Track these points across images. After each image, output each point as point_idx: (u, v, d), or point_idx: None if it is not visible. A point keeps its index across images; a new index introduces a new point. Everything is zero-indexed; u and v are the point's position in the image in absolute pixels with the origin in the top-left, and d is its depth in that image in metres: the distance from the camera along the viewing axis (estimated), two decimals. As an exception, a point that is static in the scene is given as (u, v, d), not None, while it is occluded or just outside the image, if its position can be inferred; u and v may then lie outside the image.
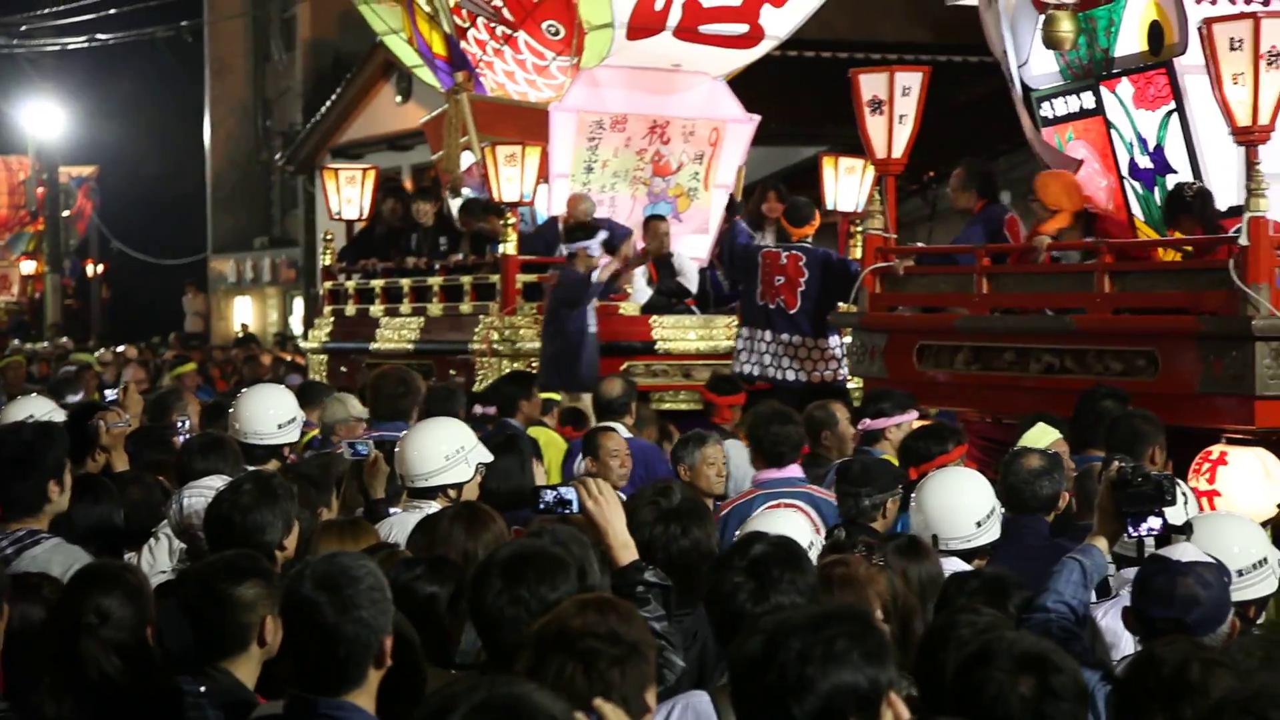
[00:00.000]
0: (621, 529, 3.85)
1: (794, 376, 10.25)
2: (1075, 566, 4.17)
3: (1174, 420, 6.94)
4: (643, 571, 3.77)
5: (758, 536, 3.67)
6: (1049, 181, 8.81)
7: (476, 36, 12.63)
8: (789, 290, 10.25)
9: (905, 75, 9.19)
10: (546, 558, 3.50)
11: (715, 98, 13.03)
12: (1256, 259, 7.40)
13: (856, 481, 5.75)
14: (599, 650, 2.90)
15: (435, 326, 12.55)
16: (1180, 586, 3.77)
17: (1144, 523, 4.13)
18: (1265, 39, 7.22)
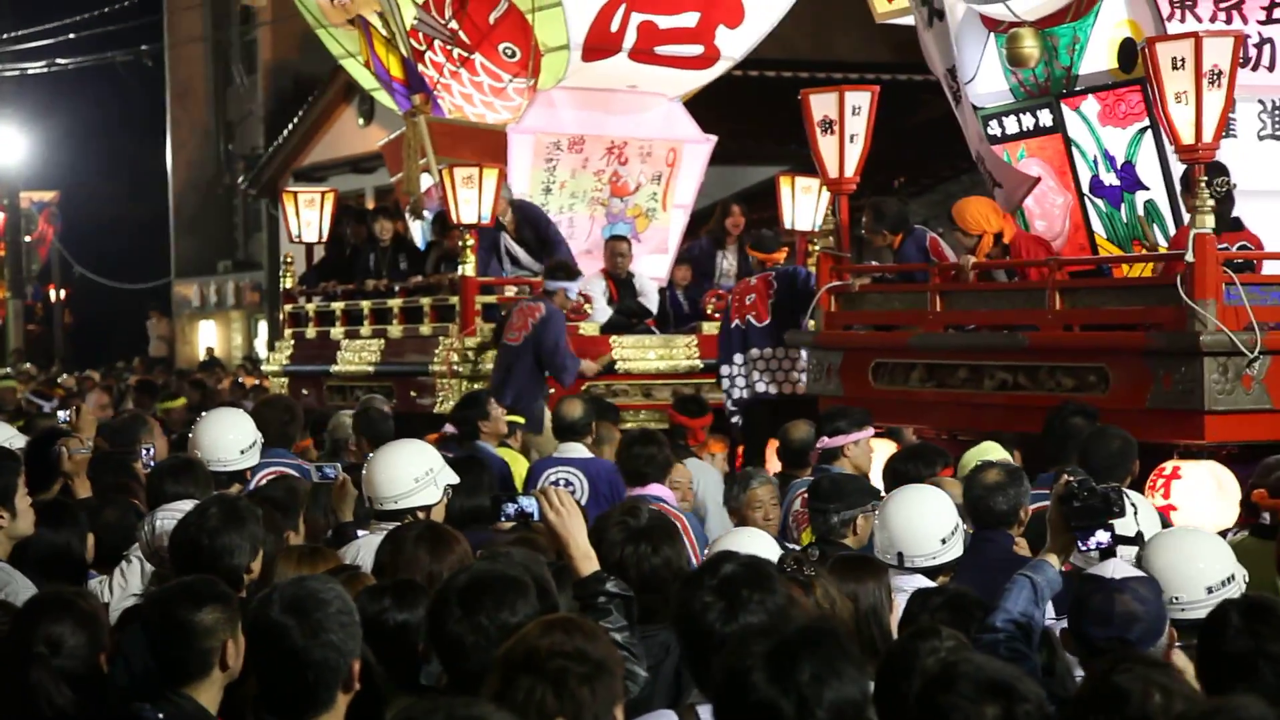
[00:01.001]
0: (583, 540, 3.84)
1: (763, 388, 10.31)
2: (1026, 583, 4.15)
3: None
4: (604, 582, 3.77)
5: (728, 556, 3.66)
6: (966, 207, 8.84)
7: (433, 59, 12.66)
8: (760, 304, 10.32)
9: (855, 95, 9.24)
10: (504, 582, 3.49)
11: (672, 118, 13.10)
12: (1203, 275, 7.47)
13: (826, 498, 5.74)
14: (568, 669, 2.90)
15: (396, 348, 12.55)
16: (1119, 604, 3.76)
17: (1093, 536, 4.11)
18: (1207, 58, 7.30)
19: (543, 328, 10.79)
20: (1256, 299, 7.53)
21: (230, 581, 4.20)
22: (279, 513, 5.53)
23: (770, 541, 4.81)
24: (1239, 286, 7.47)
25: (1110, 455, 6.21)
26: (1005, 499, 5.44)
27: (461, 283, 11.80)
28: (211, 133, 32.64)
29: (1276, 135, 8.58)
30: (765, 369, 10.35)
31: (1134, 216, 8.71)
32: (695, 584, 3.59)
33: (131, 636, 4.03)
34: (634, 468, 6.95)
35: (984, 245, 8.72)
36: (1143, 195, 8.61)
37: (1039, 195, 9.14)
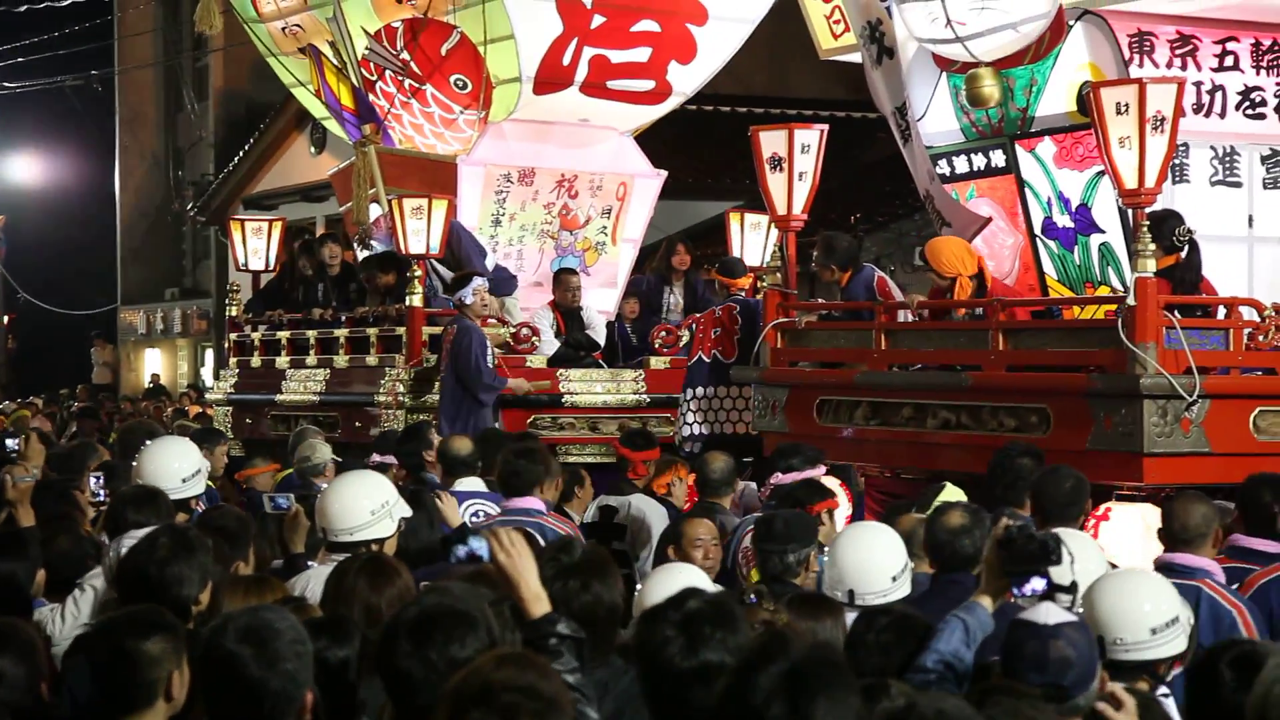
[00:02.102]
0: (534, 581, 3.80)
1: (731, 429, 10.30)
2: (958, 624, 4.14)
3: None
4: (556, 624, 3.72)
5: (693, 593, 3.65)
6: (941, 250, 8.85)
7: (384, 89, 12.65)
8: (726, 340, 10.32)
9: (804, 133, 9.29)
10: (454, 616, 3.46)
11: (623, 152, 13.14)
12: (1144, 318, 7.52)
13: (780, 539, 5.71)
14: (519, 705, 2.87)
15: (341, 378, 12.50)
16: (1053, 650, 3.73)
17: (1028, 583, 4.08)
18: (1151, 104, 7.38)
19: (455, 348, 10.80)
20: (1196, 343, 7.59)
21: (178, 612, 4.16)
22: (228, 543, 5.50)
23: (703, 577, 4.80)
24: (1179, 330, 7.54)
25: (1063, 495, 6.22)
26: (971, 541, 5.45)
27: (408, 313, 11.78)
28: (161, 159, 32.49)
29: (1227, 181, 8.68)
30: (717, 409, 10.34)
31: (1088, 259, 8.78)
32: (658, 618, 3.57)
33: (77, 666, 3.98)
34: (504, 477, 7.00)
35: (962, 286, 8.70)
36: (1098, 238, 8.69)
37: (989, 235, 9.20)
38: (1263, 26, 8.63)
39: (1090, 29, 8.51)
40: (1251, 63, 8.65)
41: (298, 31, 13.66)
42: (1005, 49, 8.52)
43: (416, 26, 12.51)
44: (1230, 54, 8.57)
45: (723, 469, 7.63)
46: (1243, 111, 8.65)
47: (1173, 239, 8.02)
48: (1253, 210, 8.73)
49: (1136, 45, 8.40)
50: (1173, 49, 8.47)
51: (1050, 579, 4.07)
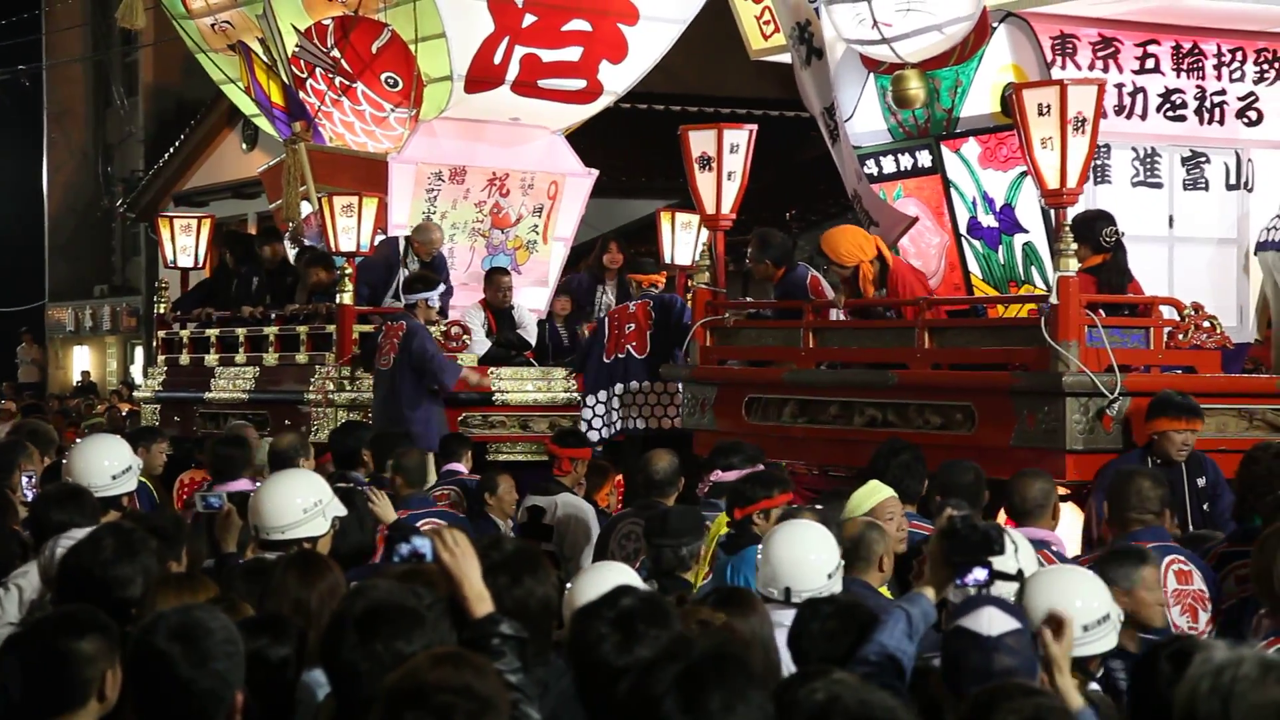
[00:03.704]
0: (477, 581, 3.78)
1: (643, 425, 10.33)
2: (901, 616, 4.13)
3: (990, 473, 7.07)
4: (498, 624, 3.71)
5: (626, 590, 3.66)
6: (838, 240, 8.90)
7: (314, 86, 12.61)
8: (638, 337, 10.35)
9: (733, 132, 9.33)
10: (401, 611, 3.45)
11: (554, 151, 13.16)
12: (1066, 317, 7.62)
13: (674, 533, 5.83)
14: (453, 705, 2.87)
15: (271, 376, 12.45)
16: (995, 662, 3.72)
17: (971, 573, 4.07)
18: (1072, 105, 7.47)
19: (407, 342, 10.78)
20: (1117, 341, 7.69)
21: (118, 613, 4.14)
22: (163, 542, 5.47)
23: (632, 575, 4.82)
24: (1101, 329, 7.63)
25: (965, 487, 6.32)
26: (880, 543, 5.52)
27: (339, 311, 11.75)
28: (90, 155, 32.19)
29: (1148, 182, 8.80)
30: (645, 403, 10.38)
31: (1012, 258, 8.87)
32: (592, 616, 3.58)
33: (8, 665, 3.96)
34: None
35: (864, 274, 8.78)
36: (1021, 238, 8.78)
37: (915, 235, 9.28)
38: (1183, 30, 8.74)
39: (1013, 31, 8.60)
40: (1172, 65, 8.77)
41: (227, 28, 13.59)
42: (930, 50, 8.60)
43: (347, 24, 12.48)
44: (1151, 57, 8.68)
45: (666, 469, 7.63)
46: (1163, 113, 8.77)
47: (1101, 239, 8.12)
48: (1173, 211, 8.85)
49: (1059, 47, 8.50)
50: (1094, 51, 8.58)
51: (993, 569, 4.06)
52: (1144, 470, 6.28)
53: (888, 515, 6.05)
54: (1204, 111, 8.83)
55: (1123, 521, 5.75)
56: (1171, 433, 7.18)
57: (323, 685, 3.81)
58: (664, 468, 7.61)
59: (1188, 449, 7.20)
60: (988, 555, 4.07)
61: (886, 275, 8.75)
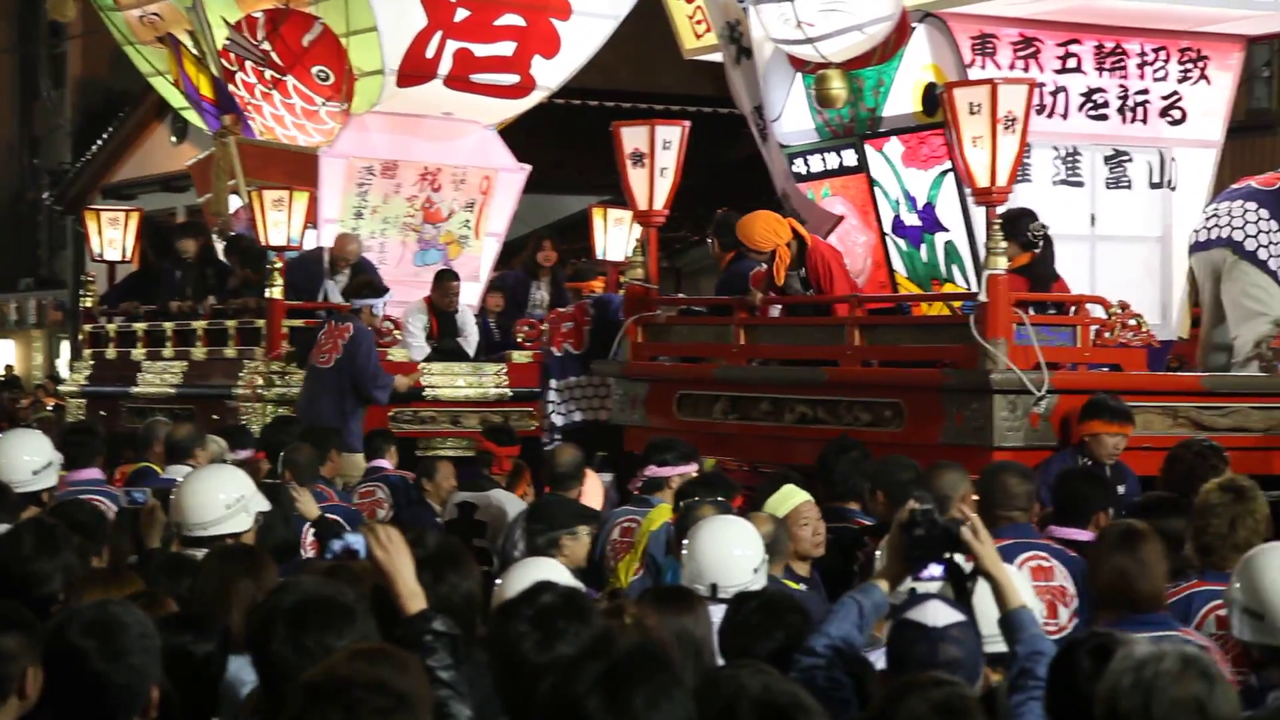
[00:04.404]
0: (410, 577, 3.75)
1: (581, 417, 10.33)
2: (853, 606, 4.10)
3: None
4: (431, 620, 3.68)
5: (545, 586, 3.65)
6: (753, 226, 8.90)
7: (244, 80, 12.52)
8: (576, 334, 10.37)
9: (666, 129, 9.35)
10: (332, 605, 3.44)
11: (486, 146, 13.13)
12: (995, 315, 7.66)
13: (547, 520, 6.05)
14: (364, 700, 2.85)
15: (199, 370, 12.38)
16: (942, 653, 3.71)
17: (926, 569, 4.03)
18: (1002, 104, 7.52)
19: (353, 348, 10.72)
20: (1045, 339, 7.75)
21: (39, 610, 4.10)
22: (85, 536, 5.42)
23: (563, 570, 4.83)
24: (1029, 327, 7.70)
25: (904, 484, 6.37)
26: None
27: (268, 305, 11.68)
28: (16, 147, 31.81)
29: (1070, 180, 8.87)
30: (580, 396, 10.39)
31: (934, 256, 8.93)
32: (511, 613, 3.56)
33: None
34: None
35: (781, 257, 8.81)
36: (943, 236, 8.83)
37: (842, 233, 9.33)
38: (1105, 30, 8.81)
39: (932, 31, 8.64)
40: (1094, 65, 8.84)
41: (156, 20, 13.47)
42: (853, 50, 8.64)
43: (277, 17, 12.40)
44: (1073, 56, 8.75)
45: (569, 462, 7.67)
46: (1085, 112, 8.84)
47: (1028, 236, 8.19)
48: (1095, 209, 8.93)
49: (979, 47, 8.54)
50: (1015, 51, 8.63)
51: (950, 566, 4.03)
52: (1012, 466, 6.36)
53: (803, 521, 6.07)
54: (1126, 111, 8.91)
55: (990, 518, 5.77)
56: (1104, 436, 7.27)
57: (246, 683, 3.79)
58: (568, 461, 7.64)
59: (1118, 452, 7.29)
60: (946, 551, 4.03)
61: (805, 256, 8.79)
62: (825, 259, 8.80)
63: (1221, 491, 5.18)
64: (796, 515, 6.05)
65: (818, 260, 8.78)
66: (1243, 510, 5.12)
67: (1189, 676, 2.83)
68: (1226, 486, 5.22)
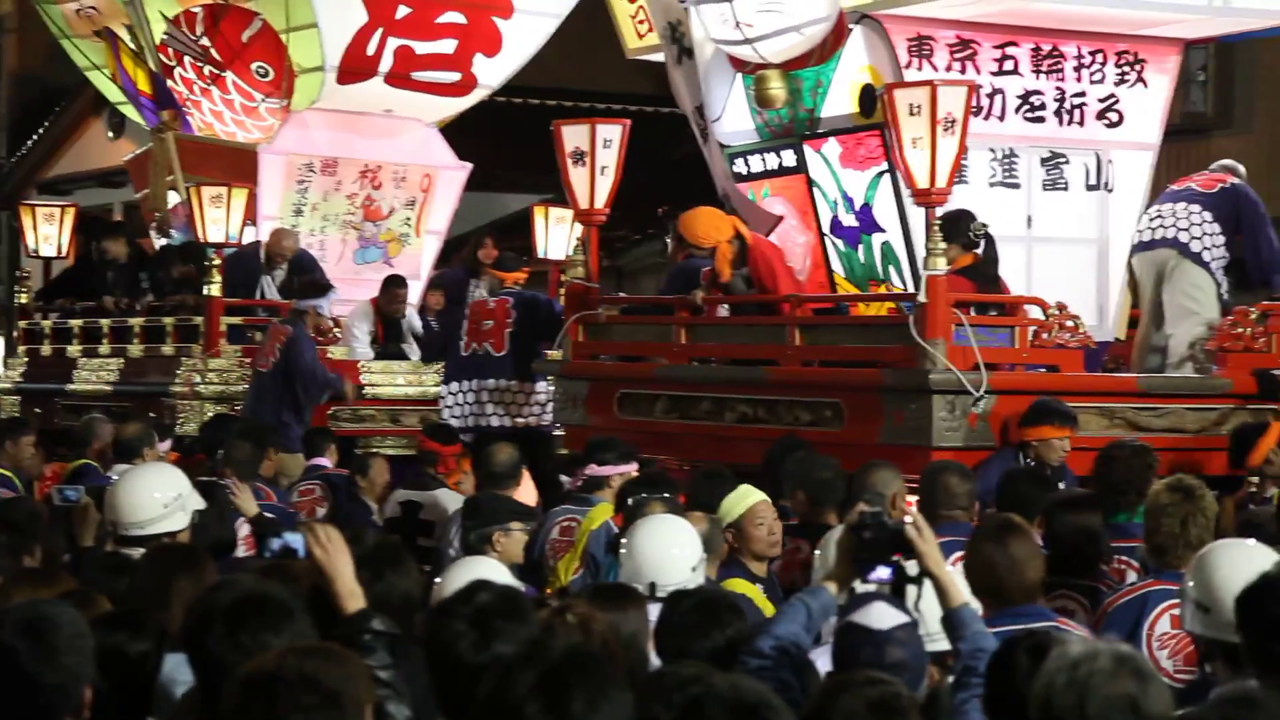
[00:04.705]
0: (349, 577, 3.76)
1: (499, 422, 10.26)
2: (801, 608, 4.12)
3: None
4: (370, 620, 3.69)
5: (482, 585, 3.63)
6: (695, 223, 8.95)
7: (183, 75, 12.45)
8: (497, 334, 10.29)
9: (606, 127, 9.34)
10: (270, 603, 3.42)
11: (427, 144, 13.10)
12: (934, 316, 7.71)
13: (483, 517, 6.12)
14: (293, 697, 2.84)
15: (136, 368, 12.29)
16: (888, 655, 3.75)
17: (874, 571, 4.03)
18: (942, 106, 7.56)
19: (291, 350, 10.65)
20: (983, 340, 7.81)
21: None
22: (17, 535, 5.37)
23: (503, 570, 4.82)
24: (967, 328, 7.74)
25: (823, 483, 6.47)
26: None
27: (206, 303, 11.60)
28: (-51, 140, 31.44)
29: (1006, 182, 8.93)
30: (500, 401, 10.30)
31: (871, 257, 8.96)
32: (447, 613, 3.55)
33: None
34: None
35: (722, 254, 8.83)
36: (879, 237, 8.87)
37: (782, 234, 9.35)
38: (1042, 32, 8.87)
39: (868, 33, 8.67)
40: (1031, 67, 8.89)
41: (93, 14, 13.37)
42: (791, 51, 8.66)
43: (217, 12, 12.33)
44: (1010, 59, 8.80)
45: (506, 461, 7.66)
46: (1022, 114, 8.89)
47: (969, 236, 8.25)
48: (1031, 211, 8.97)
49: (915, 49, 8.57)
50: (952, 53, 8.67)
51: (897, 568, 4.03)
52: (952, 465, 6.45)
53: (759, 520, 6.06)
54: (1064, 113, 8.97)
55: (930, 517, 5.81)
56: (1054, 440, 7.36)
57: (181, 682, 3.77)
58: (504, 461, 7.64)
59: (1065, 454, 7.38)
60: (894, 554, 4.03)
61: (746, 254, 8.82)
62: (767, 257, 8.83)
63: (1171, 492, 5.26)
64: (752, 515, 6.04)
65: (759, 259, 8.82)
66: (1193, 509, 5.20)
67: (1122, 675, 2.86)
68: (1175, 486, 5.29)
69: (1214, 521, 5.30)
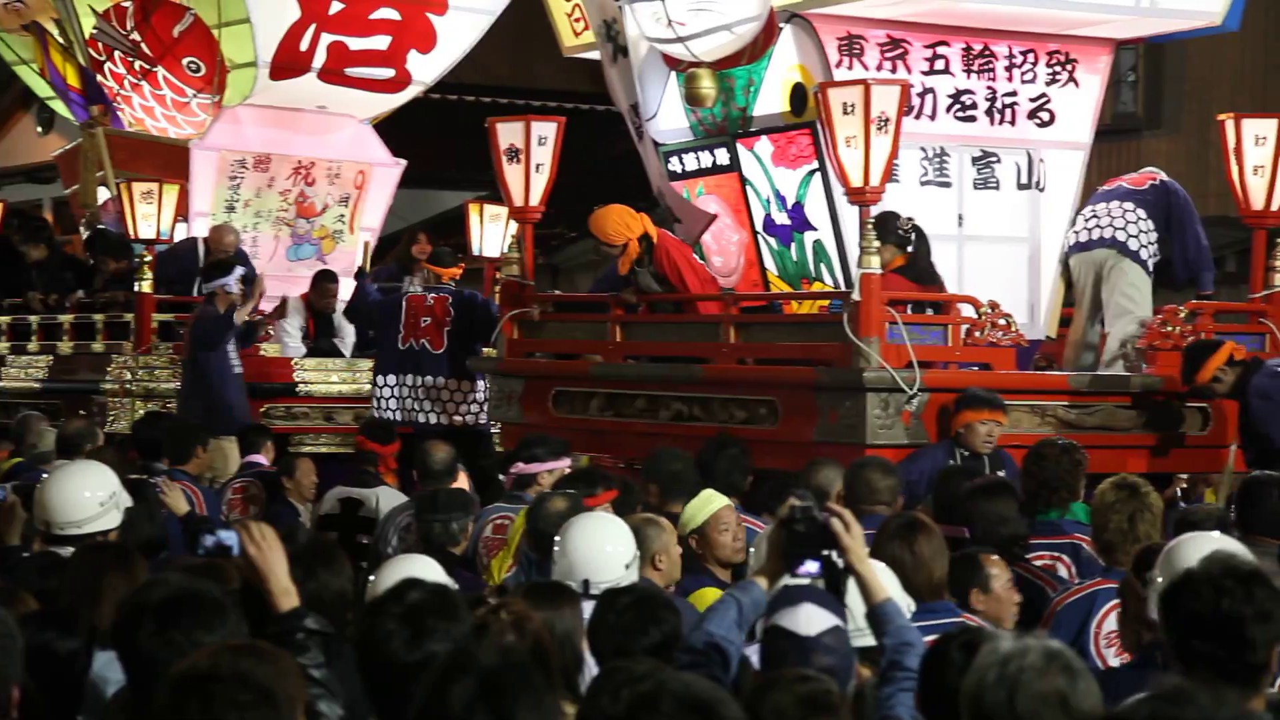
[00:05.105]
0: (283, 575, 3.75)
1: (435, 419, 10.21)
2: (733, 604, 4.08)
3: (794, 468, 7.18)
4: (303, 618, 3.68)
5: (413, 584, 3.62)
6: (605, 220, 8.95)
7: (113, 70, 12.33)
8: (435, 331, 10.24)
9: (541, 125, 9.33)
10: (202, 600, 3.41)
11: (361, 141, 13.04)
12: (868, 314, 7.74)
13: (443, 509, 6.20)
14: (227, 694, 2.83)
15: (65, 365, 12.16)
16: (813, 661, 3.74)
17: (802, 565, 4.01)
18: (875, 105, 7.58)
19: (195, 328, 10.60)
20: (917, 338, 7.84)
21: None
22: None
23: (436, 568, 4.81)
24: (901, 326, 7.78)
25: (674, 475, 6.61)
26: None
27: (137, 299, 11.51)
28: (-126, 136, 31.01)
29: (937, 181, 8.97)
30: (437, 399, 10.25)
31: (803, 255, 8.99)
32: (379, 612, 3.54)
33: None
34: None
35: (631, 251, 8.85)
36: (811, 235, 8.90)
37: (716, 232, 9.37)
38: (973, 32, 8.91)
39: (798, 32, 8.69)
40: (962, 66, 8.93)
41: (20, 8, 13.24)
42: (722, 50, 8.67)
43: (147, 7, 12.23)
44: (941, 58, 8.83)
45: (443, 459, 7.64)
46: (953, 114, 8.93)
47: (899, 234, 8.29)
48: (962, 209, 9.01)
49: (846, 48, 8.59)
50: (883, 52, 8.70)
51: (826, 563, 4.03)
52: (874, 461, 6.54)
53: (723, 526, 6.03)
54: (995, 112, 9.02)
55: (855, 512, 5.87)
56: (976, 424, 7.40)
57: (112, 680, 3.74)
58: (441, 458, 7.64)
59: (993, 440, 7.41)
60: (823, 548, 4.03)
61: (653, 252, 8.84)
62: (670, 255, 8.87)
63: (1117, 490, 5.33)
64: (716, 521, 6.01)
65: (663, 256, 8.85)
66: (1139, 506, 5.28)
67: (1052, 671, 2.87)
68: (1121, 484, 5.37)
69: (1160, 518, 5.37)
